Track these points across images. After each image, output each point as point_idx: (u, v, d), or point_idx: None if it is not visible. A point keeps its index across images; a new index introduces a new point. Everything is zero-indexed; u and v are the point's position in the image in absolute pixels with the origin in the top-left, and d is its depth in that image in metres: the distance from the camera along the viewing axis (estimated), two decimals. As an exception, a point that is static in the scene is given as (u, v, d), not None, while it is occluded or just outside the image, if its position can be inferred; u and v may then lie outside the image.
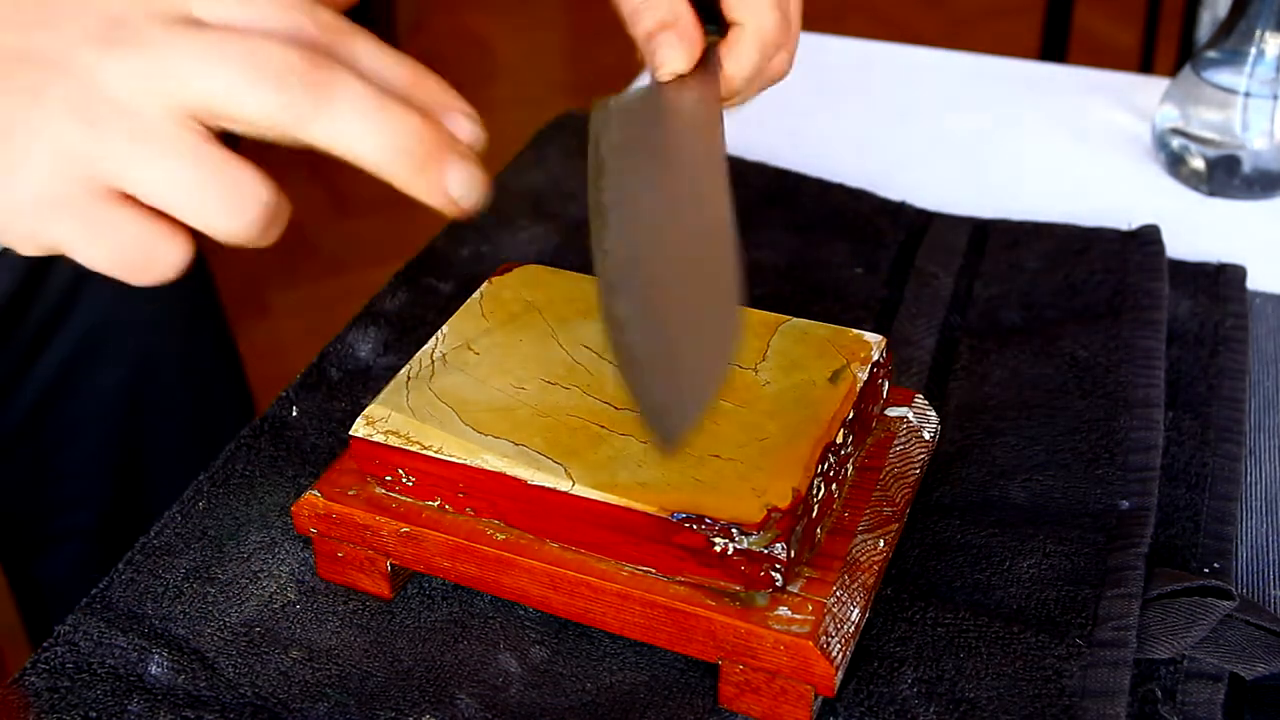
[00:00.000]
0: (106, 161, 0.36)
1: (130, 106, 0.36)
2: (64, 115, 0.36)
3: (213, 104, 0.36)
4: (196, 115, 0.36)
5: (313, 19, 0.38)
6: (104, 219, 0.37)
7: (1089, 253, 0.68)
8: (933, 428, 0.55)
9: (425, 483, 0.48)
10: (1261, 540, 0.54)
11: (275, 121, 0.36)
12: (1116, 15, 2.44)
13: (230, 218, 0.37)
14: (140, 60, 0.36)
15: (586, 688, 0.48)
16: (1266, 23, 0.75)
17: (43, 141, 0.36)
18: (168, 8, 0.37)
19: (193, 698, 0.47)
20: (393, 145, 0.37)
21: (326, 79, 0.36)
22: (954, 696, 0.45)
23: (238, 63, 0.36)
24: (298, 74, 0.36)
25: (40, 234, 0.37)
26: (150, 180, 0.36)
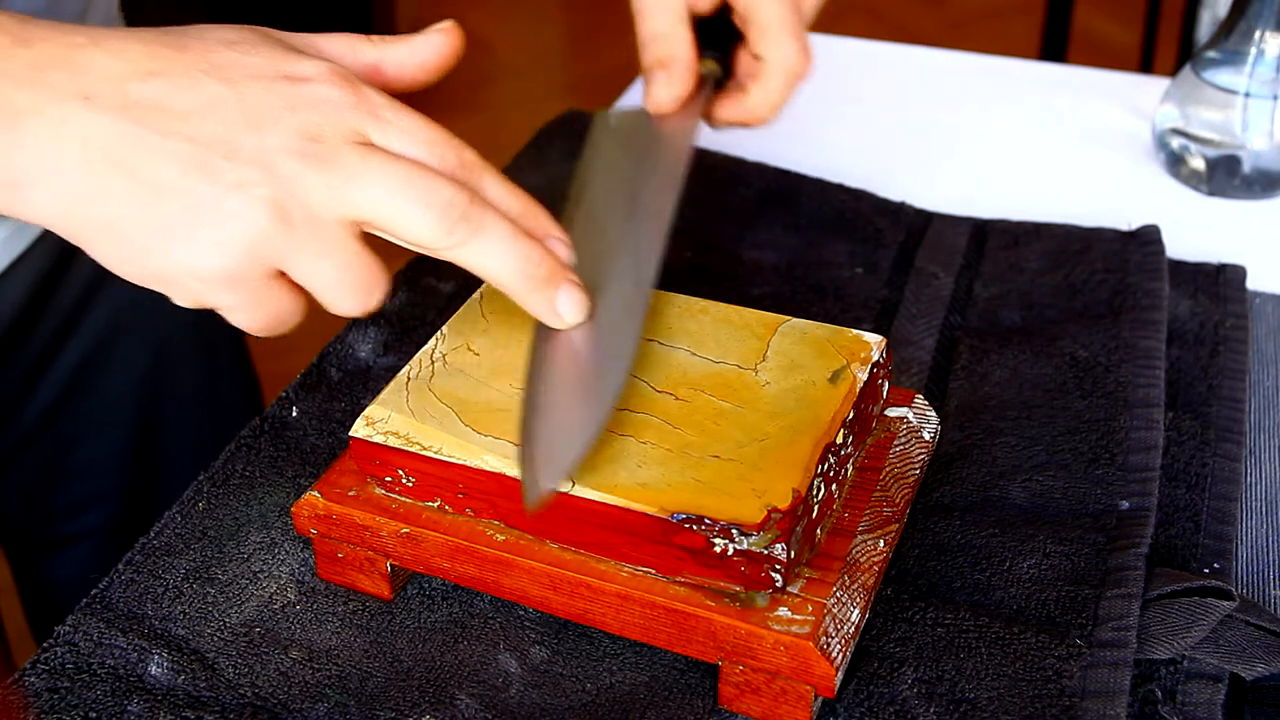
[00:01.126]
0: (284, 254, 0.43)
1: (317, 213, 0.43)
2: (267, 212, 0.42)
3: (383, 221, 0.43)
4: (363, 225, 0.43)
5: (458, 156, 0.45)
6: (265, 294, 0.44)
7: (1089, 253, 0.68)
8: (933, 428, 0.55)
9: (425, 483, 0.48)
10: (1261, 540, 0.54)
11: (431, 243, 0.44)
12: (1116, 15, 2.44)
13: (355, 303, 0.44)
14: (335, 178, 0.42)
15: (586, 688, 0.48)
16: (1266, 23, 0.75)
17: (244, 229, 0.42)
18: (352, 131, 0.43)
19: (193, 698, 0.47)
20: (522, 271, 0.45)
21: (479, 215, 0.44)
22: (954, 697, 0.45)
23: (413, 193, 0.43)
24: (459, 209, 0.43)
25: (206, 297, 0.43)
26: (311, 272, 0.43)
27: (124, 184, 0.42)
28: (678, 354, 0.51)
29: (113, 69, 0.42)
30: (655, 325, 0.53)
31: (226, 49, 0.44)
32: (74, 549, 0.81)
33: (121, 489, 0.80)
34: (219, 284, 0.43)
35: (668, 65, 0.58)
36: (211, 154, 0.42)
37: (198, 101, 0.42)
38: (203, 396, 0.84)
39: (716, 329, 0.53)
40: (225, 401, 0.86)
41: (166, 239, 0.42)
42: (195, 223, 0.42)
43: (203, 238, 0.42)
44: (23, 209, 0.43)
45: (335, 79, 0.44)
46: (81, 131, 0.41)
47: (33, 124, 0.41)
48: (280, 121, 0.43)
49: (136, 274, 0.43)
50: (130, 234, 0.42)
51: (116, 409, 0.78)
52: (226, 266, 0.42)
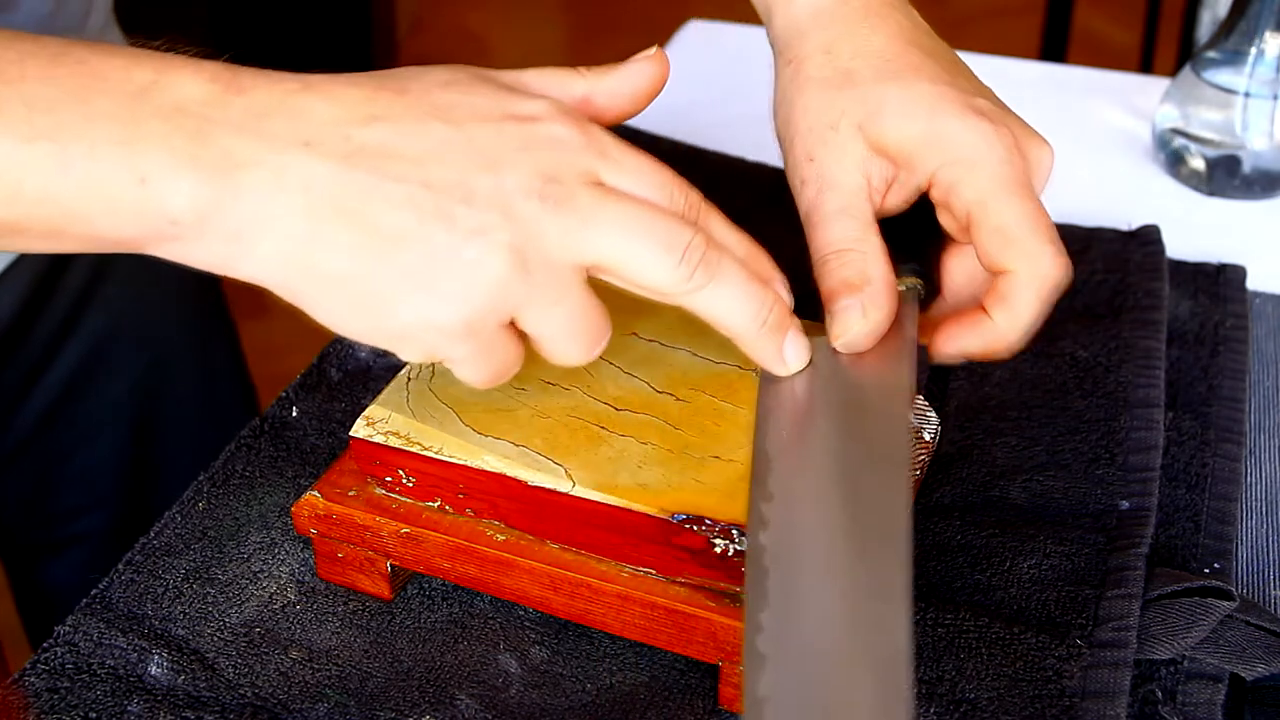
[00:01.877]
0: (523, 302, 0.40)
1: (555, 258, 0.40)
2: (509, 259, 0.39)
3: (619, 266, 0.41)
4: (595, 271, 0.41)
5: (685, 196, 0.43)
6: (496, 345, 0.41)
7: (1089, 253, 0.68)
8: (933, 428, 0.55)
9: (425, 483, 0.48)
10: (1261, 540, 0.54)
11: (667, 288, 0.42)
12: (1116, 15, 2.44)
13: (581, 352, 0.42)
14: (573, 221, 0.40)
15: (586, 688, 0.48)
16: (1266, 23, 0.75)
17: (486, 277, 0.39)
18: (587, 171, 0.41)
19: (193, 698, 0.47)
20: (756, 317, 0.43)
21: (716, 259, 0.42)
22: (954, 697, 0.45)
23: (650, 236, 0.41)
24: (698, 253, 0.41)
25: (440, 349, 0.41)
26: (543, 320, 0.41)
27: (353, 235, 0.39)
28: (679, 355, 0.51)
29: (332, 114, 0.40)
30: (655, 326, 0.53)
31: (446, 90, 0.41)
32: (70, 552, 0.81)
33: (118, 493, 0.80)
34: (456, 335, 0.40)
35: (858, 288, 0.46)
36: (447, 199, 0.39)
37: (426, 145, 0.40)
38: (199, 400, 0.83)
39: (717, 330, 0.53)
40: (222, 405, 0.85)
41: (403, 291, 0.40)
42: (434, 272, 0.39)
43: (443, 288, 0.39)
44: (245, 265, 0.40)
45: (562, 117, 0.42)
46: (305, 180, 0.39)
47: (254, 173, 0.39)
48: (514, 163, 0.40)
49: (368, 330, 0.41)
50: (363, 288, 0.40)
51: (113, 413, 0.78)
52: (466, 316, 0.40)
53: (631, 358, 0.51)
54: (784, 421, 0.45)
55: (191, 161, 0.38)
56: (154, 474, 0.81)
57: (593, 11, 2.93)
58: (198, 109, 0.39)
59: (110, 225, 0.39)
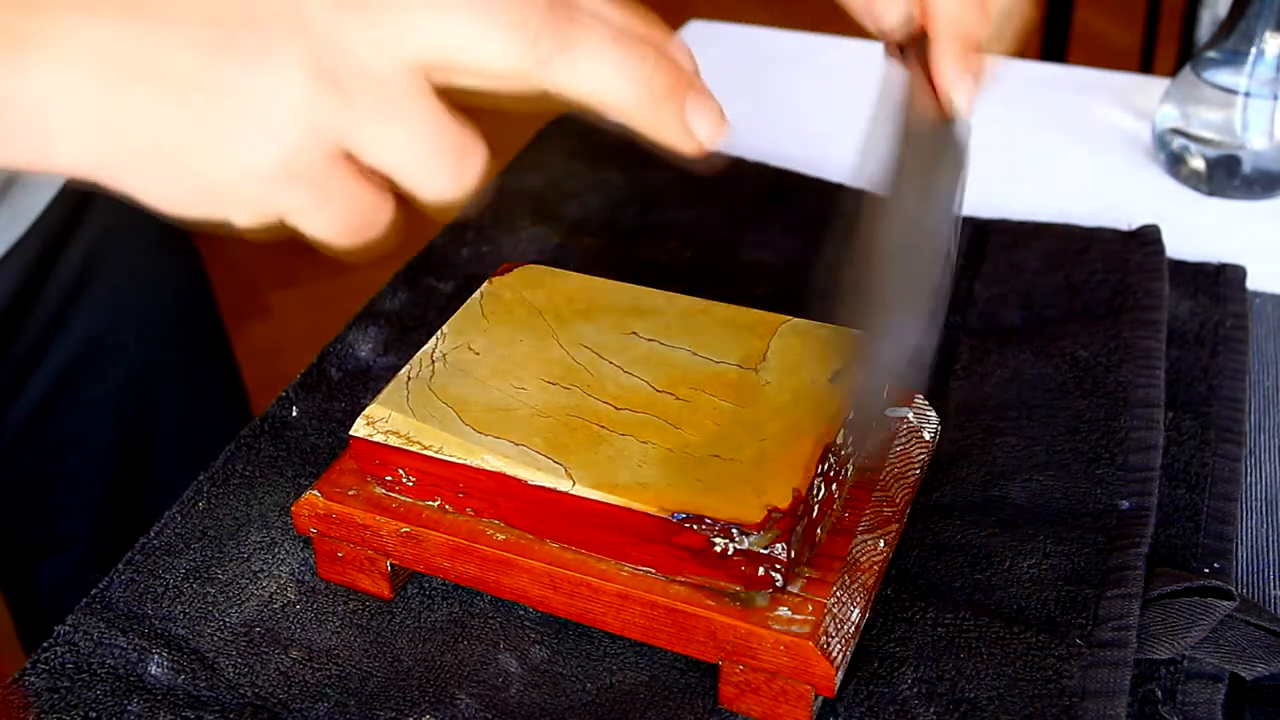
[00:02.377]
0: (345, 126, 0.35)
1: (369, 65, 0.35)
2: (306, 78, 0.35)
3: (451, 55, 0.35)
4: (431, 70, 0.36)
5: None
6: (334, 185, 0.36)
7: (1089, 253, 0.68)
8: (933, 428, 0.55)
9: (425, 483, 0.48)
10: (1261, 540, 0.54)
11: (515, 68, 0.36)
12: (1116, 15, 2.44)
13: (448, 180, 0.37)
14: (380, 16, 0.35)
15: (586, 688, 0.48)
16: (1266, 23, 0.75)
17: (284, 105, 0.35)
18: None
19: (193, 698, 0.47)
20: (637, 83, 0.37)
21: (566, 21, 0.36)
22: (954, 696, 0.45)
23: (476, 10, 0.35)
24: (537, 17, 0.35)
25: (270, 202, 0.37)
26: (383, 144, 0.36)
27: (148, 89, 0.35)
28: (678, 354, 0.51)
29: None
30: (655, 325, 0.53)
31: None
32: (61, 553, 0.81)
33: (108, 493, 0.80)
34: (281, 179, 0.36)
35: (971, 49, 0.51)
36: (232, 28, 0.35)
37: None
38: (188, 401, 0.83)
39: (717, 329, 0.53)
40: (211, 406, 0.85)
41: (209, 142, 0.36)
42: (235, 112, 0.35)
43: (246, 126, 0.35)
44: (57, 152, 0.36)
45: None
46: (89, 43, 0.35)
47: (39, 46, 0.35)
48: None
49: (190, 200, 0.37)
50: (172, 149, 0.36)
51: (102, 414, 0.78)
52: (279, 154, 0.35)
53: (631, 357, 0.51)
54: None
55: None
56: (144, 475, 0.81)
57: (593, 12, 2.92)
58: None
59: None
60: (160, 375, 0.80)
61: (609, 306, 0.54)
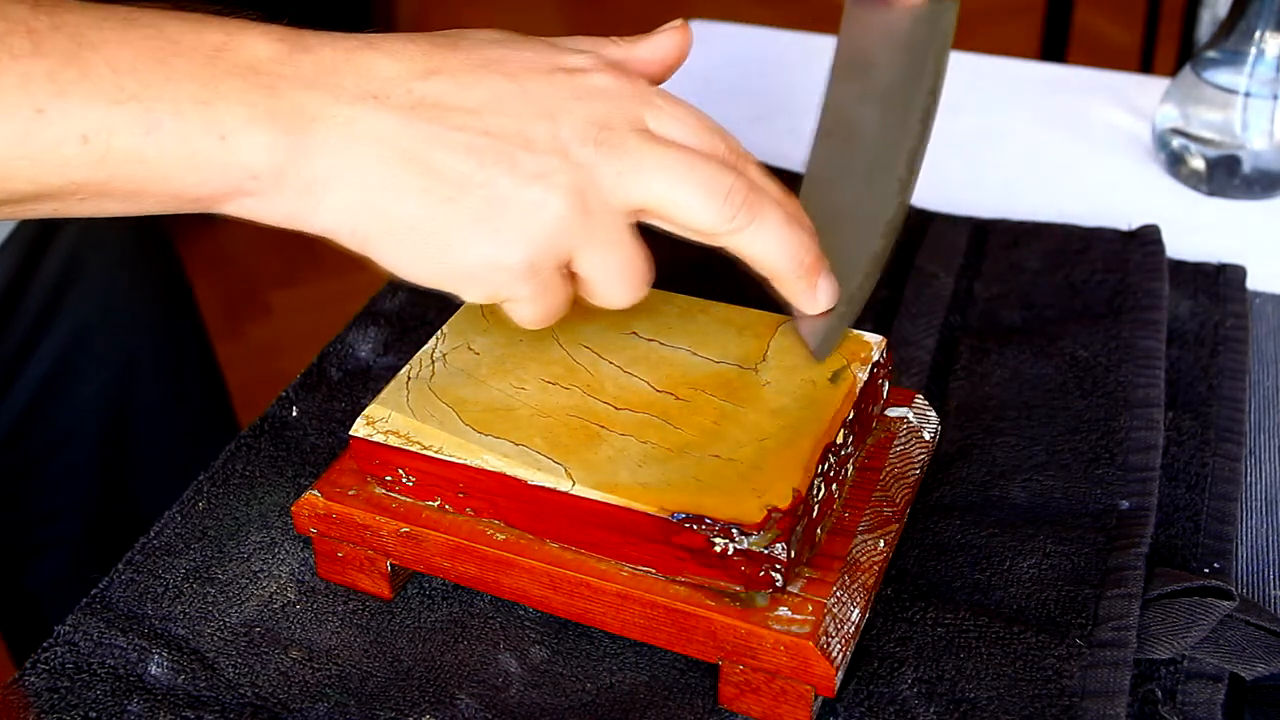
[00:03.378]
0: (580, 243, 0.43)
1: (609, 200, 0.43)
2: (568, 200, 0.42)
3: (667, 208, 0.43)
4: (644, 214, 0.44)
5: (726, 143, 0.45)
6: (552, 285, 0.44)
7: (1089, 253, 0.68)
8: (933, 428, 0.55)
9: (425, 483, 0.48)
10: (1261, 540, 0.54)
11: (710, 229, 0.44)
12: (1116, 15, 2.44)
13: (629, 294, 0.45)
14: (626, 164, 0.43)
15: (586, 688, 0.48)
16: (1266, 23, 0.75)
17: (548, 218, 0.42)
18: (635, 117, 0.44)
19: (193, 698, 0.47)
20: (795, 259, 0.46)
21: (757, 201, 0.44)
22: (954, 696, 0.45)
23: (699, 179, 0.43)
24: (740, 196, 0.44)
25: (503, 290, 0.43)
26: (597, 261, 0.43)
27: (423, 180, 0.41)
28: (678, 354, 0.51)
29: (395, 69, 0.43)
30: (655, 325, 0.53)
31: (496, 46, 0.45)
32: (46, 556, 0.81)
33: (94, 495, 0.80)
34: (520, 275, 0.43)
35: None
36: (508, 145, 0.42)
37: (484, 96, 0.43)
38: (171, 404, 0.83)
39: (717, 329, 0.53)
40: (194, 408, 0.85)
41: (470, 233, 0.42)
42: (499, 214, 0.42)
43: (507, 229, 0.42)
44: (318, 216, 0.42)
45: (608, 69, 0.45)
46: (375, 131, 0.41)
47: (325, 126, 0.41)
48: (569, 111, 0.43)
49: (436, 273, 0.43)
50: (431, 231, 0.42)
51: (86, 416, 0.78)
52: (529, 256, 0.42)
53: (631, 357, 0.51)
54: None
55: (268, 116, 0.40)
56: (129, 476, 0.81)
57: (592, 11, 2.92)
58: (270, 67, 0.41)
59: (194, 182, 0.41)
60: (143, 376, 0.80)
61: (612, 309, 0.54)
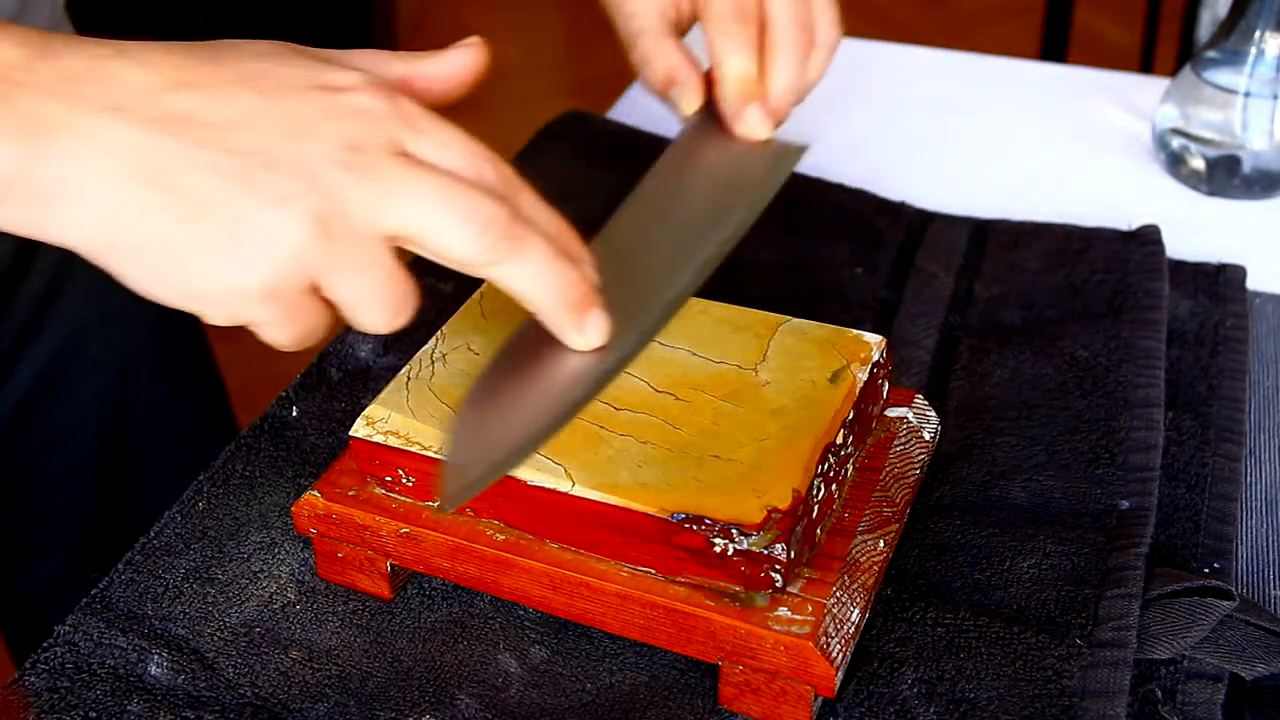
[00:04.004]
0: (325, 268, 0.41)
1: (357, 226, 0.41)
2: (310, 225, 0.40)
3: (423, 236, 0.42)
4: (400, 240, 0.42)
5: (495, 169, 0.44)
6: (300, 310, 0.42)
7: (1089, 253, 0.68)
8: (933, 428, 0.55)
9: (425, 483, 0.48)
10: (1261, 540, 0.54)
11: (469, 260, 0.42)
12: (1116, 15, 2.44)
13: (386, 320, 0.43)
14: (377, 190, 0.41)
15: (586, 688, 0.48)
16: (1266, 23, 0.75)
17: (287, 243, 0.40)
18: (391, 140, 0.42)
19: (193, 698, 0.47)
20: (560, 295, 0.44)
21: (520, 234, 0.42)
22: (954, 696, 0.45)
23: (454, 207, 0.41)
24: (500, 226, 0.42)
25: (243, 312, 0.42)
26: (347, 287, 0.42)
27: (160, 199, 0.40)
28: (678, 354, 0.51)
29: (143, 81, 0.41)
30: (655, 325, 0.53)
31: (258, 60, 0.42)
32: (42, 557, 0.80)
33: (89, 496, 0.80)
34: (258, 300, 0.41)
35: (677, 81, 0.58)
36: (251, 165, 0.40)
37: (233, 113, 0.41)
38: (169, 404, 0.83)
39: (717, 329, 0.53)
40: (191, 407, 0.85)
41: (206, 256, 0.40)
42: (237, 237, 0.40)
43: (245, 252, 0.40)
44: (53, 229, 0.41)
45: (370, 88, 0.43)
46: (113, 144, 0.40)
47: (62, 137, 0.39)
48: (320, 131, 0.41)
49: (173, 294, 0.42)
50: (167, 252, 0.40)
51: (81, 416, 0.78)
52: (268, 281, 0.41)
53: (631, 357, 0.51)
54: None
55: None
56: (124, 477, 0.80)
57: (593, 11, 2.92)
58: (8, 73, 0.40)
59: None
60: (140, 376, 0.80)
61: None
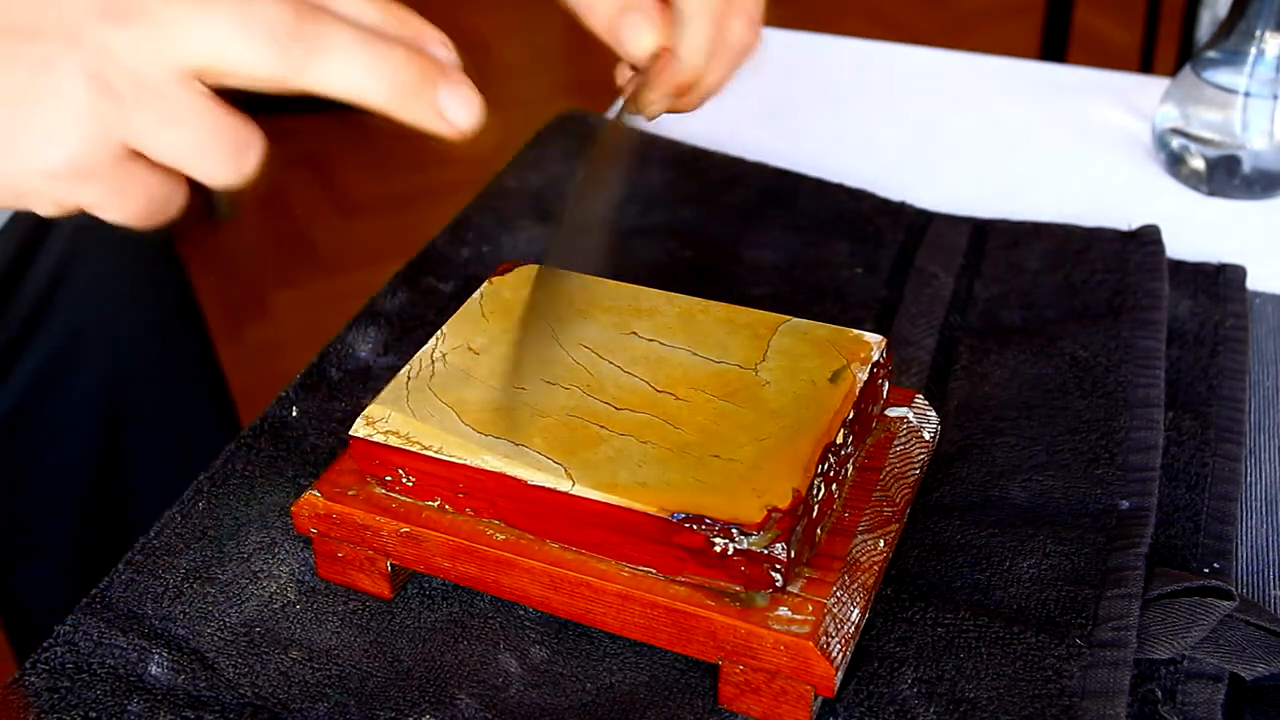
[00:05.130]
0: (126, 127, 0.38)
1: (141, 74, 0.38)
2: (84, 86, 0.38)
3: (212, 63, 0.38)
4: (199, 75, 0.39)
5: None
6: (125, 179, 0.39)
7: (1089, 253, 0.68)
8: (933, 428, 0.55)
9: (425, 483, 0.48)
10: (1261, 540, 0.54)
11: (272, 72, 0.39)
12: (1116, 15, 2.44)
13: (229, 170, 0.40)
14: (145, 29, 0.38)
15: (586, 688, 0.48)
16: (1266, 23, 0.75)
17: (68, 111, 0.38)
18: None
19: (193, 698, 0.47)
20: (385, 79, 0.39)
21: (313, 28, 0.39)
22: (954, 696, 0.45)
23: (230, 22, 0.38)
24: (286, 26, 0.38)
25: (67, 197, 0.39)
26: (163, 142, 0.39)
27: None
28: (678, 354, 0.51)
29: None
30: (655, 325, 0.53)
31: None
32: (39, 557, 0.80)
33: (87, 497, 0.79)
34: (72, 177, 0.39)
35: (635, 6, 0.52)
36: (13, 40, 0.38)
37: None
38: (167, 404, 0.83)
39: (717, 329, 0.53)
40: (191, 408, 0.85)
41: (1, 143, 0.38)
42: (20, 119, 0.38)
43: (34, 130, 0.38)
44: None
45: None
46: None
47: None
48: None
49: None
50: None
51: (80, 414, 0.77)
52: (68, 156, 0.38)
53: (631, 357, 0.51)
54: None
55: None
56: (123, 475, 0.80)
57: (593, 12, 2.92)
58: None
59: None
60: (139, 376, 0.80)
61: (609, 306, 0.54)
